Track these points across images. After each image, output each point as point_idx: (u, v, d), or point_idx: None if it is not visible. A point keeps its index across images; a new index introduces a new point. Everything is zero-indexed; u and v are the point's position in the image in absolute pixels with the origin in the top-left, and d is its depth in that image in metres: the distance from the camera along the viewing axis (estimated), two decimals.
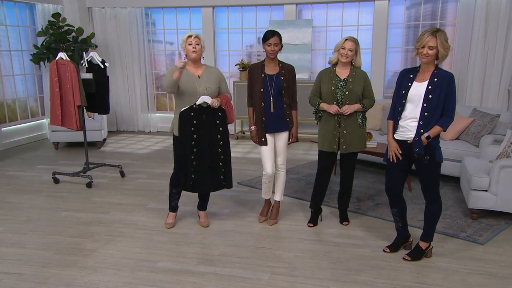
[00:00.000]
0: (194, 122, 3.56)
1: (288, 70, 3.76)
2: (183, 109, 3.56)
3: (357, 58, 3.64)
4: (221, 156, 3.69)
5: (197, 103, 3.52)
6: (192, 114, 3.55)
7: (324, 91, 3.68)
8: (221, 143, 3.68)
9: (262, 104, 3.75)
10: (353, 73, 3.64)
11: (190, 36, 3.56)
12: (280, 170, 3.91)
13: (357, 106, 3.62)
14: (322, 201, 3.98)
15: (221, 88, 3.75)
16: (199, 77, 3.62)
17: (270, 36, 3.64)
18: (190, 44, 3.56)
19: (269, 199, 4.07)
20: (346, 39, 3.59)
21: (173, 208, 3.99)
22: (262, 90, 3.74)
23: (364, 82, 3.66)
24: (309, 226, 3.93)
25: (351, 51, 3.56)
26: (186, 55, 3.63)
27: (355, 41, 3.58)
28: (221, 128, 3.65)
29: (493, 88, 6.53)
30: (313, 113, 3.86)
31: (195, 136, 3.58)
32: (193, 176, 3.65)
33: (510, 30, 6.32)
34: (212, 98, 3.56)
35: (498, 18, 6.33)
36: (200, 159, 3.64)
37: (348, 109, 3.59)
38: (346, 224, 3.96)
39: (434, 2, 6.96)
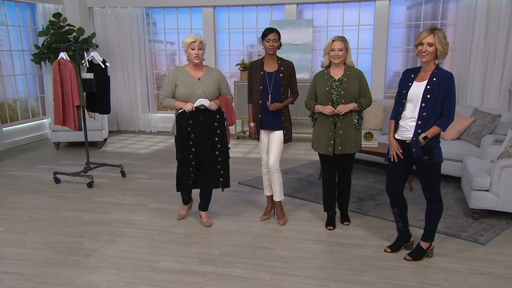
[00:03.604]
0: (190, 122, 3.65)
1: (287, 67, 3.78)
2: (180, 110, 3.65)
3: (348, 56, 3.59)
4: (218, 158, 3.75)
5: (195, 105, 3.61)
6: (188, 115, 3.64)
7: (319, 93, 3.65)
8: (219, 145, 3.73)
9: (260, 101, 3.79)
10: (347, 72, 3.60)
11: (193, 42, 3.61)
12: (274, 171, 3.88)
13: (352, 105, 3.57)
14: (335, 202, 3.93)
15: (221, 89, 3.81)
16: (199, 79, 3.70)
17: (269, 32, 3.69)
18: (193, 49, 3.63)
19: (271, 196, 4.07)
20: (333, 40, 3.54)
21: (186, 201, 4.16)
22: (261, 87, 3.77)
23: (360, 81, 3.61)
24: (328, 229, 3.86)
25: (340, 50, 3.52)
26: (188, 57, 3.69)
27: (342, 40, 3.53)
28: (218, 131, 3.71)
29: (494, 88, 6.52)
30: (309, 116, 3.84)
31: (192, 135, 3.68)
32: (192, 175, 3.75)
33: (511, 30, 6.32)
34: (210, 101, 3.64)
35: (499, 18, 6.33)
36: (199, 159, 3.73)
37: (343, 108, 3.55)
38: (347, 224, 3.95)
39: (435, 2, 6.95)
